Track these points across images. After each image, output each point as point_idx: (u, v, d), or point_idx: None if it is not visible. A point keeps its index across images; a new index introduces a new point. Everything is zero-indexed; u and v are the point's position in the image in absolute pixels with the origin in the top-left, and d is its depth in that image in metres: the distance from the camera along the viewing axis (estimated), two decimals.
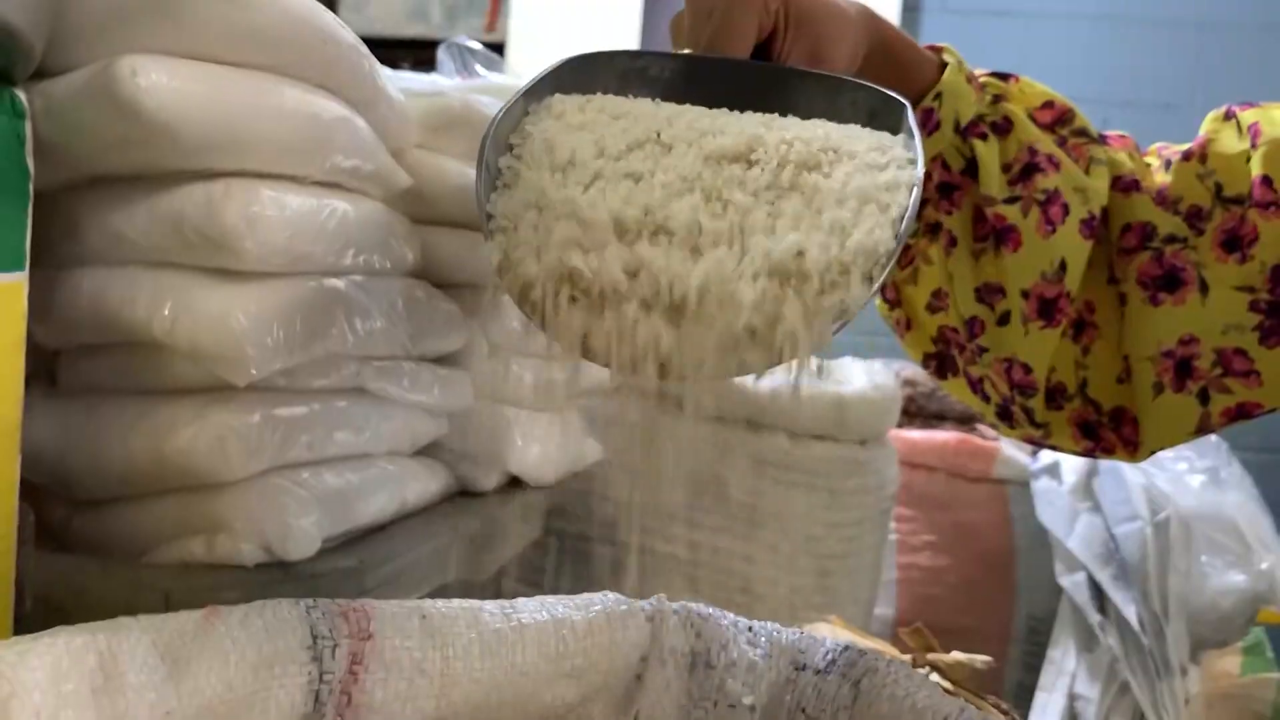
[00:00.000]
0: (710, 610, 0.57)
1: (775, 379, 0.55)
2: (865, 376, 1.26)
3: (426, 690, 0.47)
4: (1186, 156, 0.65)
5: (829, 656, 0.54)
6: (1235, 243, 0.63)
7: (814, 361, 0.46)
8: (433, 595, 0.52)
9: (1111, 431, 0.67)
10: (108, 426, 0.56)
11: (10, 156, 0.45)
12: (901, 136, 0.51)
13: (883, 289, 0.71)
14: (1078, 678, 1.49)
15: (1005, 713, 0.68)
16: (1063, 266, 0.63)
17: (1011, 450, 1.67)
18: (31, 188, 0.46)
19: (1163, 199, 0.65)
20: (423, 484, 0.73)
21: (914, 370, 1.72)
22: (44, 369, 0.62)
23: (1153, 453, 0.67)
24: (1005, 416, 0.69)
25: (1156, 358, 0.64)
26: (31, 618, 0.48)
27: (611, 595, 0.55)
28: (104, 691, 0.38)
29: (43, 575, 0.52)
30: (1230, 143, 0.64)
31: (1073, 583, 1.52)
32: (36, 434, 0.55)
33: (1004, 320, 0.65)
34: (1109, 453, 0.68)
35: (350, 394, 0.64)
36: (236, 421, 0.55)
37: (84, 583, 0.53)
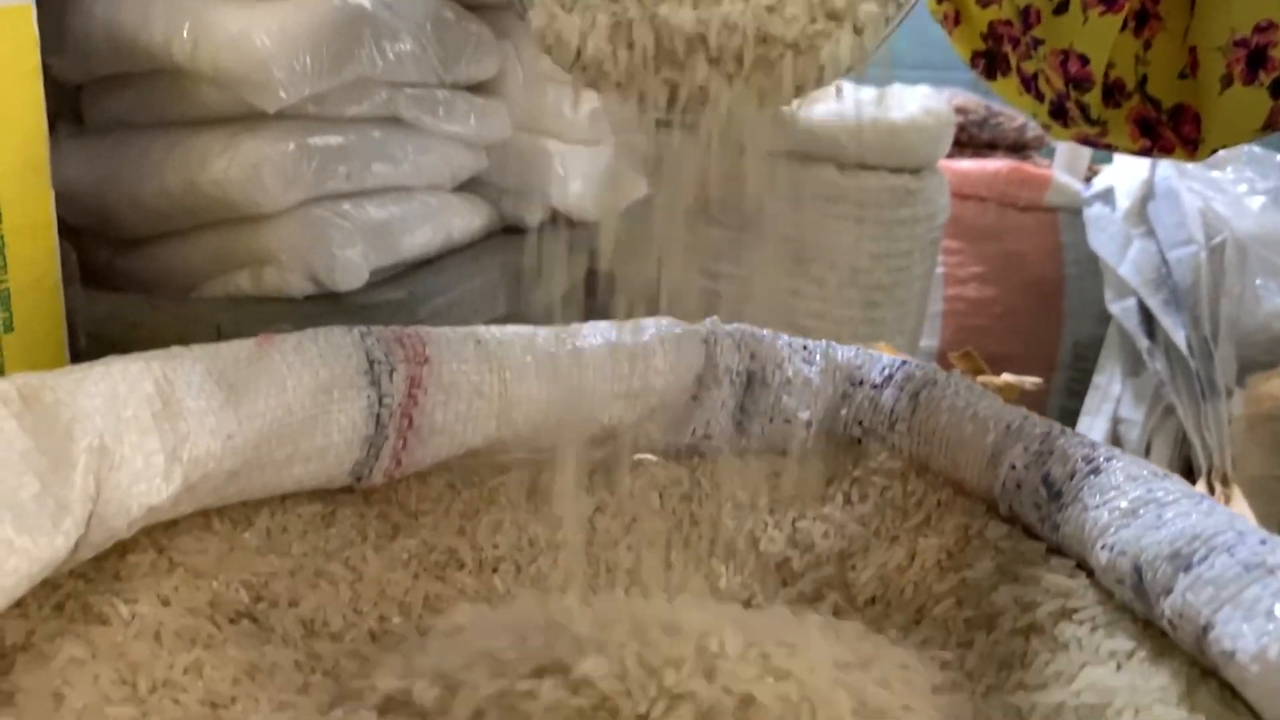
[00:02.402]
0: (764, 332, 0.56)
1: (824, 108, 0.52)
2: (918, 102, 1.21)
3: (486, 411, 0.47)
4: None
5: (886, 372, 0.53)
6: None
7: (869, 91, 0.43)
8: None
9: (1171, 130, 0.64)
10: (140, 161, 0.55)
11: None
12: None
13: None
14: (1122, 402, 1.50)
15: None
16: None
17: (1064, 177, 1.62)
18: None
19: None
20: (466, 219, 0.71)
21: (965, 97, 1.65)
22: (68, 107, 0.60)
23: (1213, 151, 0.64)
24: (1059, 115, 0.65)
25: (1227, 47, 0.60)
26: (86, 355, 0.48)
27: (665, 320, 0.54)
28: (164, 416, 0.38)
29: (93, 313, 0.51)
30: None
31: (1122, 309, 1.50)
32: (68, 173, 0.54)
33: (1061, 8, 0.61)
34: (1167, 152, 0.65)
35: (385, 123, 0.62)
36: (270, 149, 0.53)
37: (135, 319, 0.53)
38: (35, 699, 0.33)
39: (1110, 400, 1.51)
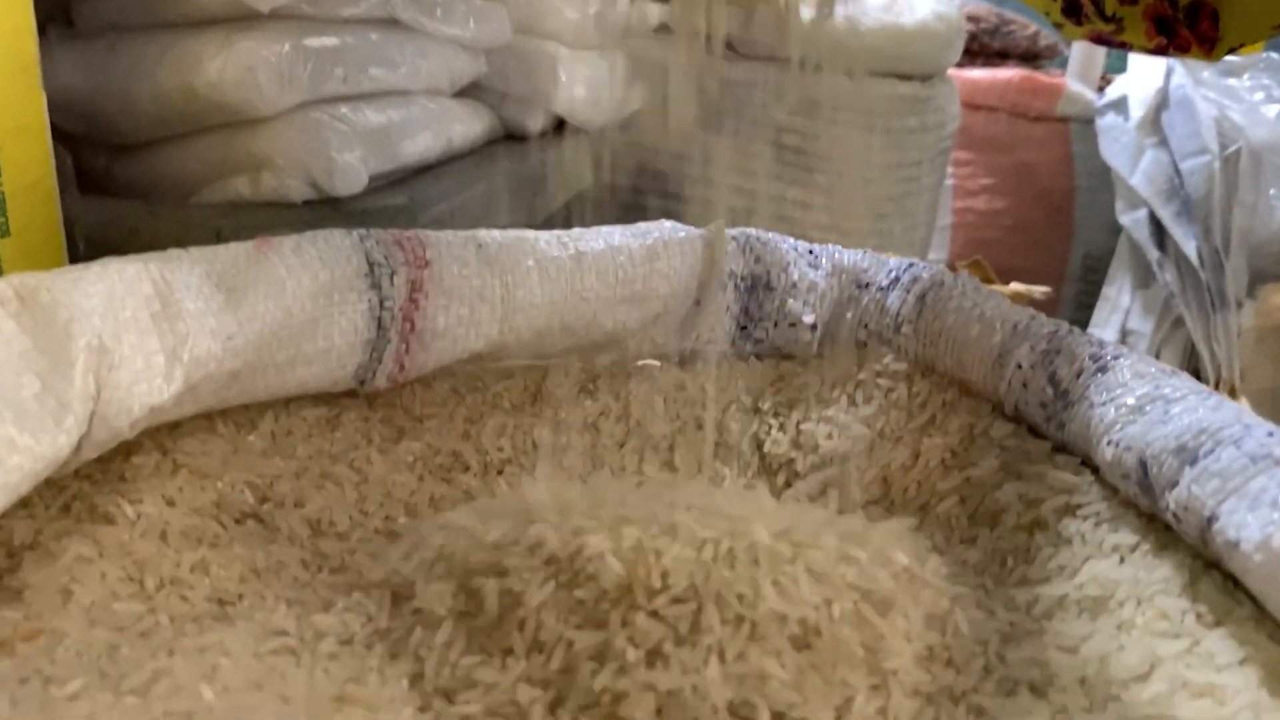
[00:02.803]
0: (769, 235, 0.55)
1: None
2: (928, 6, 1.18)
3: (489, 316, 0.47)
4: None
5: (892, 274, 0.53)
6: None
7: None
8: None
9: (1188, 28, 0.62)
10: (133, 65, 0.54)
11: None
12: None
13: None
14: (1131, 314, 1.49)
15: None
16: None
17: (1077, 86, 1.59)
18: None
19: None
20: (466, 125, 0.70)
21: (977, 5, 1.61)
22: (59, 11, 0.58)
23: (1231, 50, 0.62)
24: (1073, 12, 0.63)
25: None
26: (85, 261, 0.48)
27: (668, 224, 0.53)
28: (163, 317, 0.37)
29: (91, 219, 0.51)
30: None
31: (1133, 220, 1.48)
32: (61, 79, 0.53)
33: None
34: (1183, 51, 0.63)
35: (381, 25, 0.60)
36: (265, 50, 0.52)
37: (134, 224, 0.52)
38: (43, 595, 0.33)
39: (1119, 312, 1.50)
